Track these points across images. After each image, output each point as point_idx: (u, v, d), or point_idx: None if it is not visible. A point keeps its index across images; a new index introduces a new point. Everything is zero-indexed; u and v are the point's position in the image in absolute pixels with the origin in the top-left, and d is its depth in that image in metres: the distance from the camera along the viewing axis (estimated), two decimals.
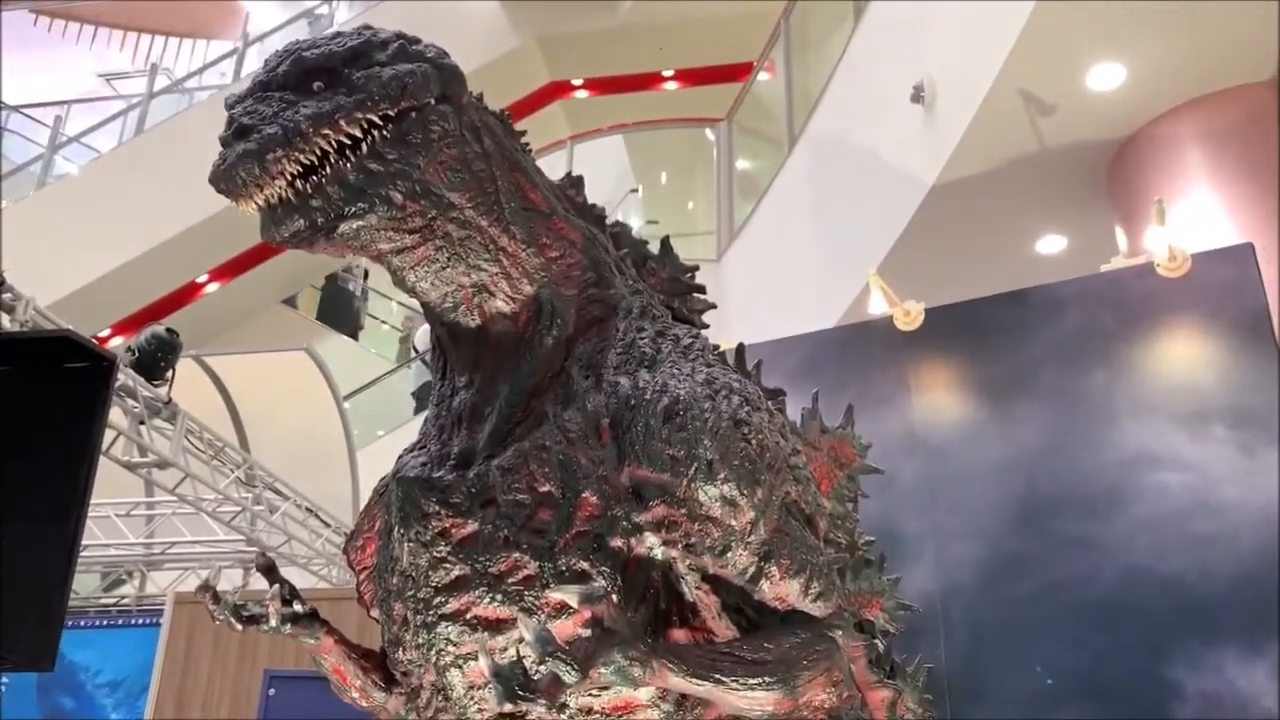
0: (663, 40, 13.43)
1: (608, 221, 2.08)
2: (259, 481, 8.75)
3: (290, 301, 15.63)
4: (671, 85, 14.32)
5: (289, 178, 1.54)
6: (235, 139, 1.55)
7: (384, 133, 1.59)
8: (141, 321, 12.14)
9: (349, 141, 1.57)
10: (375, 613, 1.94)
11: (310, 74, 1.60)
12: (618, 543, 1.63)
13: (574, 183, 2.06)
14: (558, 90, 14.57)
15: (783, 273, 8.33)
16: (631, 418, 1.68)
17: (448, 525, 1.70)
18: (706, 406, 1.72)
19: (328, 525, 9.97)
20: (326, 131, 1.54)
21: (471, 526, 1.68)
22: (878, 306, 4.58)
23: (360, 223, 1.60)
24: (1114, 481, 4.03)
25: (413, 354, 13.31)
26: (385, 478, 2.03)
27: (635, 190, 11.71)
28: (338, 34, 1.69)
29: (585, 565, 1.62)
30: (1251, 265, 4.12)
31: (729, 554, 1.66)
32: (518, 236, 1.77)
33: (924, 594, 3.92)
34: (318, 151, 1.55)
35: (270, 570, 2.07)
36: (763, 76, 10.32)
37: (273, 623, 1.87)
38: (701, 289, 2.21)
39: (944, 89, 6.08)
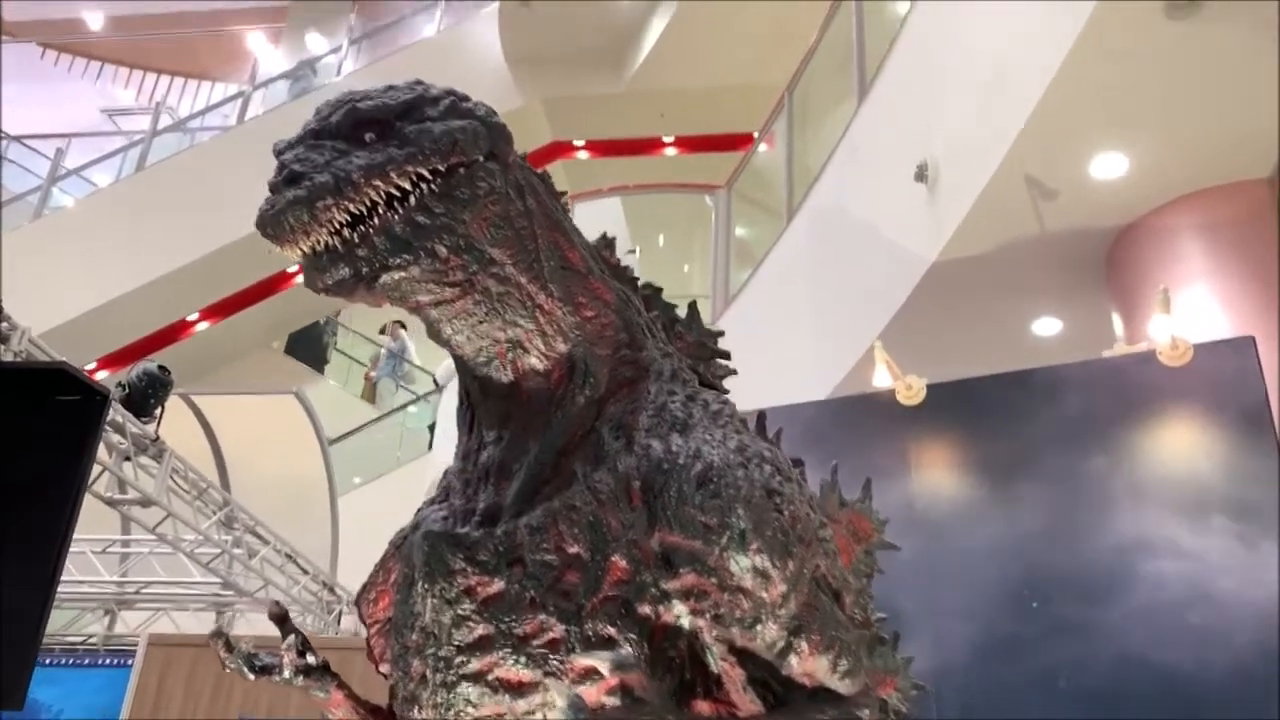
0: (664, 107, 13.63)
1: (640, 284, 2.10)
2: (240, 524, 8.65)
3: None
4: (671, 151, 14.51)
5: (337, 226, 1.54)
6: (285, 185, 1.55)
7: (432, 187, 1.60)
8: (129, 357, 12.07)
9: (398, 194, 1.57)
10: (386, 668, 1.91)
11: (363, 125, 1.61)
12: (646, 609, 1.62)
13: (609, 244, 2.07)
14: (559, 150, 14.73)
15: (777, 341, 8.36)
16: (664, 482, 1.67)
17: (473, 583, 1.67)
18: (740, 474, 1.72)
19: (305, 572, 9.85)
20: (377, 182, 1.55)
21: (498, 585, 1.66)
22: (882, 379, 4.59)
23: (403, 274, 1.60)
24: (1112, 568, 4.02)
25: (435, 386, 13.23)
26: (403, 530, 2.00)
27: (633, 251, 11.77)
28: (390, 87, 1.70)
29: (613, 631, 1.60)
30: (1252, 358, 4.17)
31: (758, 626, 1.65)
32: (555, 294, 1.77)
33: (917, 672, 3.85)
34: (367, 202, 1.55)
35: (284, 620, 2.03)
36: (762, 148, 10.45)
37: (286, 674, 1.84)
38: (726, 355, 2.22)
39: (948, 169, 6.16)
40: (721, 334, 2.23)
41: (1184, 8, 4.65)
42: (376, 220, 1.56)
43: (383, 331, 16.35)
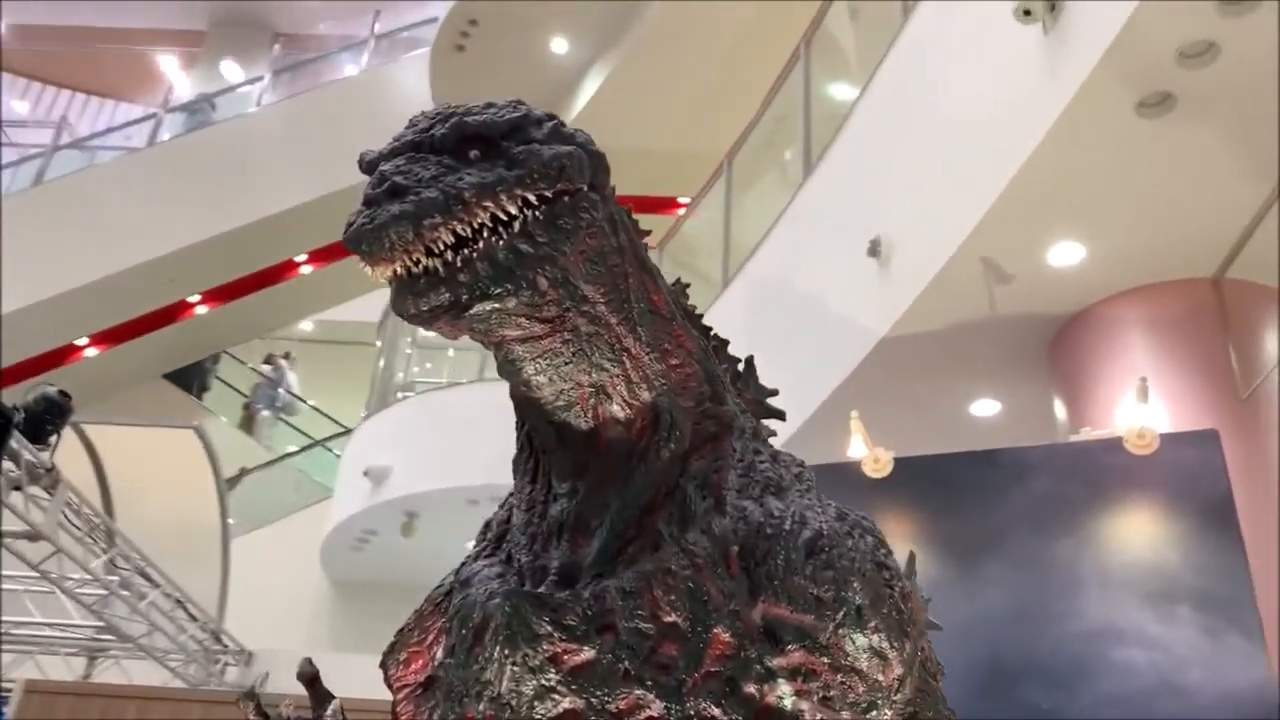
0: None
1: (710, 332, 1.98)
2: (131, 565, 8.14)
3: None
4: None
5: (441, 247, 1.39)
6: (388, 198, 1.39)
7: (537, 213, 1.47)
8: (11, 379, 11.39)
9: (504, 218, 1.43)
10: None
11: (469, 141, 1.47)
12: (751, 689, 1.49)
13: (684, 289, 1.95)
14: None
15: None
16: (768, 548, 1.55)
17: (560, 650, 1.50)
18: (849, 545, 1.61)
19: (194, 619, 9.32)
20: (488, 203, 1.40)
21: (587, 654, 1.49)
22: (857, 450, 4.53)
23: (498, 305, 1.45)
24: (1080, 654, 4.00)
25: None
26: (445, 585, 1.83)
27: None
28: (490, 104, 1.57)
29: (717, 712, 1.47)
30: (1216, 451, 4.24)
31: (873, 712, 1.54)
32: (643, 339, 1.64)
33: None
34: (475, 224, 1.41)
35: (314, 681, 1.83)
36: (696, 213, 10.51)
37: None
38: (782, 415, 2.11)
39: (903, 246, 6.23)
40: (776, 393, 2.12)
41: (1156, 108, 4.80)
42: (481, 244, 1.42)
43: (267, 361, 15.90)
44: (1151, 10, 4.43)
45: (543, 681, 1.50)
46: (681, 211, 13.95)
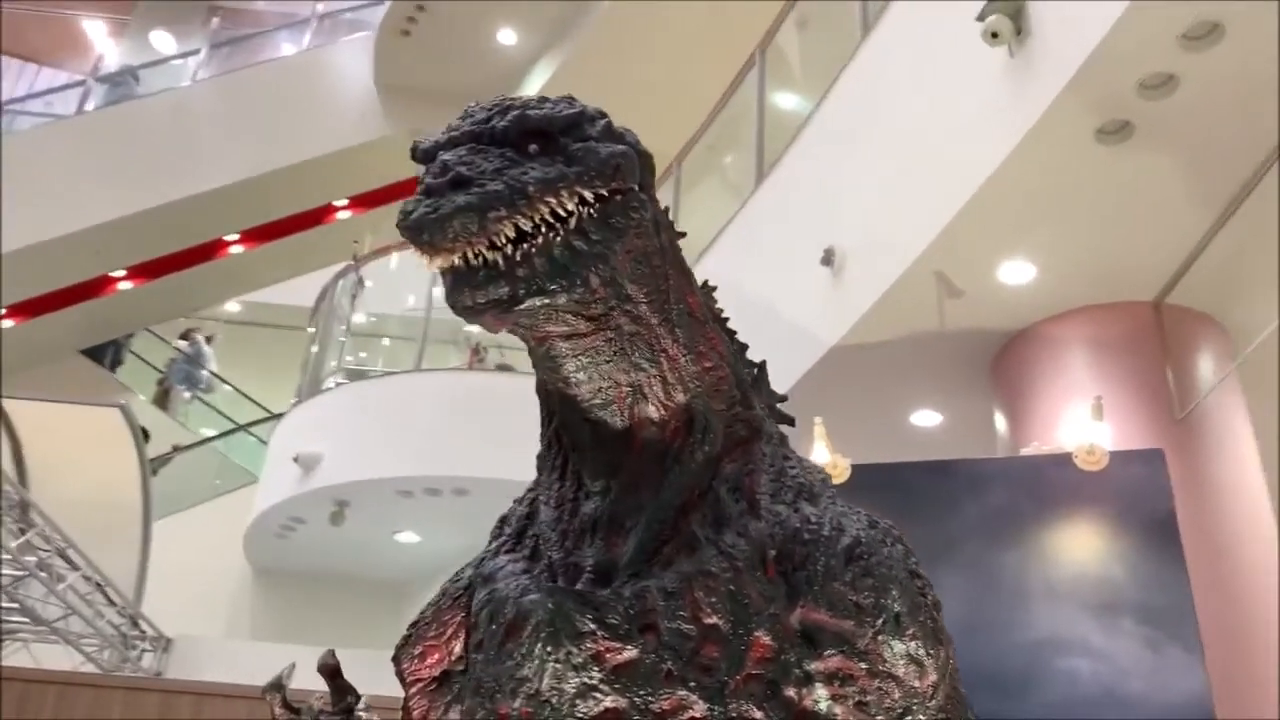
0: None
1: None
2: (52, 547, 7.89)
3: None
4: None
5: (503, 240, 1.39)
6: (452, 189, 1.38)
7: (592, 211, 1.48)
8: None
9: (562, 214, 1.44)
10: None
11: (529, 135, 1.47)
12: (790, 692, 1.52)
13: (710, 291, 1.97)
14: (418, 184, 14.41)
15: None
16: (807, 554, 1.59)
17: (603, 648, 1.51)
18: (885, 552, 1.65)
19: (112, 603, 9.06)
20: (550, 199, 1.41)
21: (630, 653, 1.51)
22: (819, 456, 4.60)
23: (548, 301, 1.45)
24: (1027, 662, 4.12)
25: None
26: (461, 578, 1.83)
27: None
28: (545, 98, 1.57)
29: (759, 715, 1.49)
30: (1161, 470, 4.39)
31: (908, 717, 1.57)
32: (680, 340, 1.66)
33: None
34: (536, 218, 1.41)
35: (336, 674, 1.81)
36: None
37: None
38: (792, 421, 2.14)
39: (857, 257, 6.32)
40: (785, 398, 2.16)
41: (1115, 135, 4.96)
42: (540, 240, 1.42)
43: (183, 337, 15.53)
44: (1117, 41, 4.57)
45: (585, 680, 1.51)
46: None
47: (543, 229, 1.42)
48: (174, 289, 13.68)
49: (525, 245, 1.40)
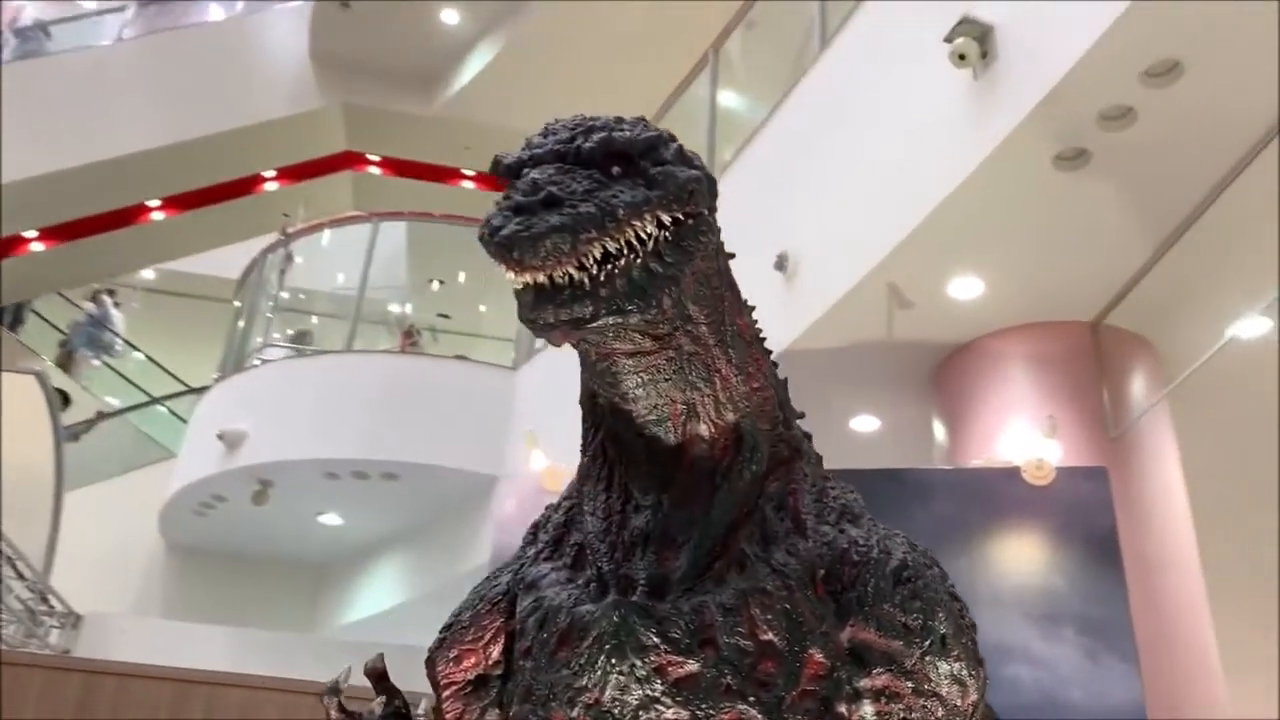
0: (471, 140, 13.40)
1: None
2: None
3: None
4: (469, 185, 14.28)
5: (591, 261, 1.43)
6: (544, 207, 1.41)
7: (667, 234, 1.52)
8: None
9: (644, 237, 1.48)
10: None
11: (613, 157, 1.51)
12: (841, 708, 1.58)
13: (751, 310, 2.02)
14: (351, 160, 14.18)
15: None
16: (856, 575, 1.65)
17: (665, 661, 1.56)
18: (930, 575, 1.72)
19: (22, 578, 8.76)
20: (636, 222, 1.45)
21: (691, 667, 1.55)
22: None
23: (620, 320, 1.48)
24: None
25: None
26: (501, 584, 1.86)
27: (437, 282, 11.49)
28: (621, 119, 1.61)
29: None
30: (1105, 487, 4.60)
31: None
32: (733, 361, 1.71)
33: None
34: (622, 241, 1.45)
35: (383, 677, 1.82)
36: None
37: None
38: (809, 438, 2.21)
39: (810, 264, 6.43)
40: (803, 415, 2.22)
41: (1072, 162, 5.14)
42: (622, 262, 1.46)
43: (92, 299, 15.03)
44: (1082, 73, 4.74)
45: (648, 692, 1.54)
46: None
47: (624, 251, 1.45)
48: (90, 253, 13.22)
49: (609, 266, 1.42)
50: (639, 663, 1.55)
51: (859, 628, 1.60)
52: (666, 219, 1.48)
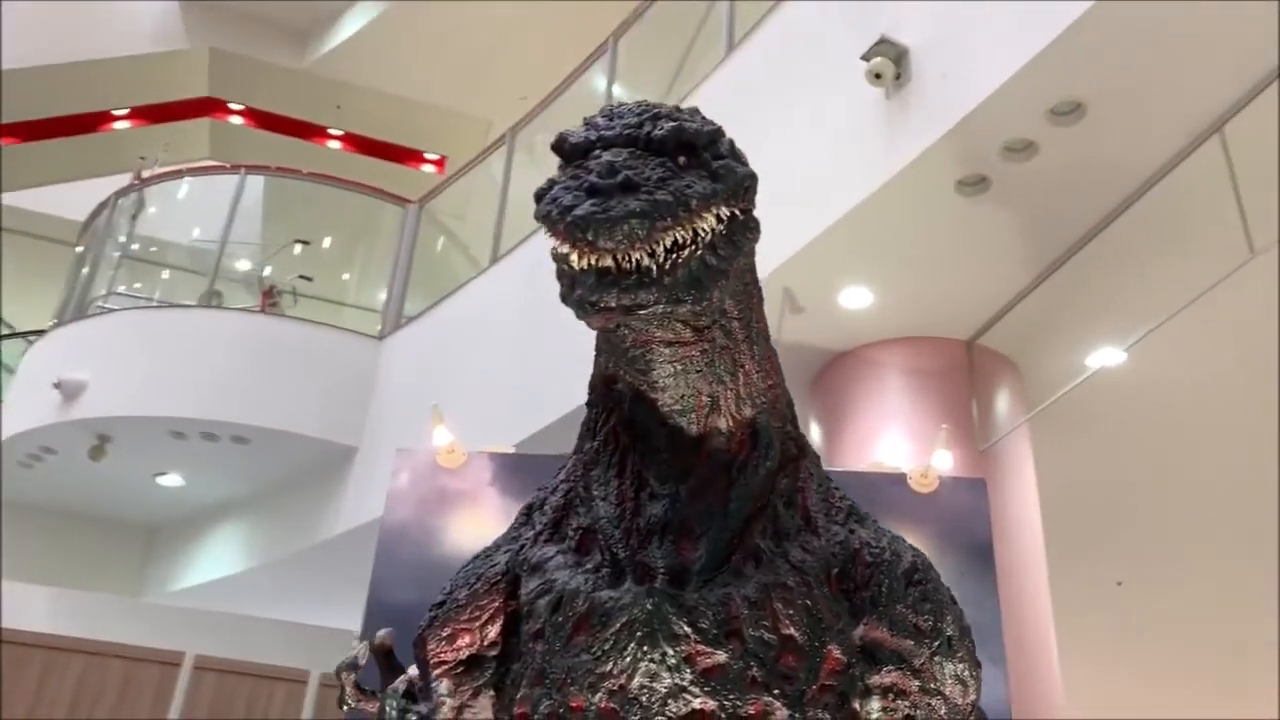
0: (342, 99, 13.02)
1: None
2: None
3: None
4: (335, 145, 13.84)
5: (663, 249, 1.45)
6: (621, 191, 1.42)
7: (722, 229, 1.55)
8: None
9: (707, 230, 1.51)
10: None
11: (682, 147, 1.53)
12: (855, 703, 1.66)
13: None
14: (212, 106, 13.54)
15: (460, 378, 8.27)
16: (869, 575, 1.74)
17: (694, 651, 1.60)
18: (935, 578, 1.81)
19: None
20: (706, 214, 1.48)
21: (720, 657, 1.60)
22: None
23: (670, 309, 1.51)
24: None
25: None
26: (500, 564, 1.86)
27: (300, 243, 11.07)
28: (678, 109, 1.63)
29: None
30: (983, 499, 4.83)
31: None
32: (755, 357, 1.76)
33: None
34: (690, 231, 1.47)
35: (389, 654, 1.79)
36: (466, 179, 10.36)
37: None
38: None
39: None
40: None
41: (972, 188, 5.39)
42: (686, 252, 1.48)
43: None
44: (992, 104, 4.97)
45: (678, 680, 1.58)
46: (427, 168, 13.66)
47: (689, 241, 1.46)
48: None
49: (674, 255, 1.43)
50: (670, 651, 1.57)
51: (872, 626, 1.67)
52: (725, 213, 1.50)
